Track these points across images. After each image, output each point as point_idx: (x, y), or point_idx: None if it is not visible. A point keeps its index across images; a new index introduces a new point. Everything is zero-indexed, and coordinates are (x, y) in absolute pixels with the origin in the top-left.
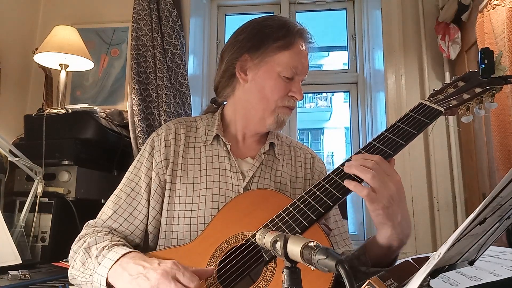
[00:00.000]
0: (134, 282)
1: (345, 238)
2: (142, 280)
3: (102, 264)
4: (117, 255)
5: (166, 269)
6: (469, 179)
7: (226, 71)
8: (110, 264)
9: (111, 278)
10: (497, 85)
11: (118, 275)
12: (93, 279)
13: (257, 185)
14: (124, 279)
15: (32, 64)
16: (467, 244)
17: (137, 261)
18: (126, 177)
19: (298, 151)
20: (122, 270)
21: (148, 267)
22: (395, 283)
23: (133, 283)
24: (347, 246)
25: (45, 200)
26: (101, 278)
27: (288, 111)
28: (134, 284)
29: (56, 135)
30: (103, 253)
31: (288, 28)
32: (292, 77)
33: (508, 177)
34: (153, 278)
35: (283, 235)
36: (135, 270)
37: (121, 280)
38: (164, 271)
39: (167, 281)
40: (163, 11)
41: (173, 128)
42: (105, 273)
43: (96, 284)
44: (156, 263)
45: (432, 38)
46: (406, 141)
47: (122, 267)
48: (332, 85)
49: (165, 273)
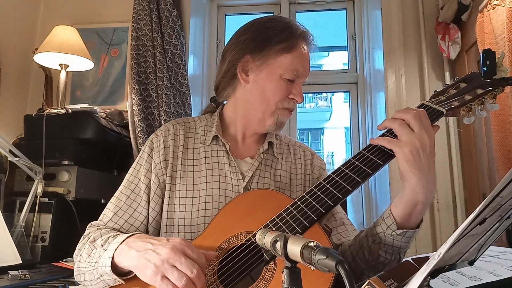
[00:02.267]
0: (142, 257)
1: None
2: (151, 255)
3: (108, 249)
4: (123, 237)
5: (176, 244)
6: (469, 179)
7: (228, 72)
8: (116, 246)
9: (117, 257)
10: (499, 86)
11: (124, 253)
12: (99, 265)
13: (257, 184)
14: (132, 255)
15: (32, 64)
16: (467, 244)
17: (145, 239)
18: (126, 179)
19: (297, 149)
20: (128, 248)
21: (156, 243)
22: (395, 283)
23: (141, 259)
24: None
25: (45, 200)
26: (106, 261)
27: (288, 113)
28: (142, 259)
29: (56, 135)
30: (109, 241)
31: (291, 31)
32: (293, 79)
33: (508, 177)
34: (163, 253)
35: (283, 235)
36: (143, 246)
37: (128, 256)
38: (174, 245)
39: (177, 256)
40: (163, 11)
41: (171, 129)
42: (111, 254)
43: (101, 268)
44: (164, 240)
45: (432, 38)
46: None
47: (128, 246)
48: (332, 85)
49: (175, 248)
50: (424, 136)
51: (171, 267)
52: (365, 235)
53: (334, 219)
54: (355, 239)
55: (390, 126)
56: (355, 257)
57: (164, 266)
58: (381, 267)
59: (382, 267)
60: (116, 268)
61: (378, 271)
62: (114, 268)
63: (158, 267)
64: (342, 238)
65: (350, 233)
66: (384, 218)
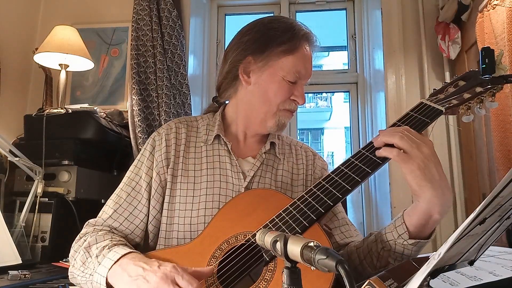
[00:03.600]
0: (133, 283)
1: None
2: (142, 282)
3: (102, 264)
4: (117, 255)
5: (166, 272)
6: (469, 179)
7: (229, 72)
8: (110, 264)
9: (111, 279)
10: (498, 84)
11: (118, 276)
12: (93, 279)
13: (258, 184)
14: (124, 279)
15: (32, 64)
16: (467, 244)
17: (137, 262)
18: (127, 177)
19: (299, 150)
20: (122, 271)
21: (147, 269)
22: (395, 283)
23: (132, 285)
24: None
25: (45, 200)
26: (101, 278)
27: (289, 114)
28: (134, 285)
29: (56, 135)
30: (103, 253)
31: (294, 32)
32: (295, 81)
33: (508, 177)
34: (153, 281)
35: (283, 235)
36: (135, 271)
37: (121, 280)
38: (164, 274)
39: (166, 285)
40: (163, 11)
41: (174, 127)
42: (105, 273)
43: (96, 284)
44: (156, 266)
45: (432, 38)
46: None
47: (122, 268)
48: (332, 85)
49: (165, 276)
50: (424, 149)
51: None
52: (374, 240)
53: (336, 218)
54: (363, 242)
55: (388, 154)
56: (363, 260)
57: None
58: None
59: None
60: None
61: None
62: (109, 286)
63: None
64: (345, 238)
65: (353, 233)
66: (396, 226)
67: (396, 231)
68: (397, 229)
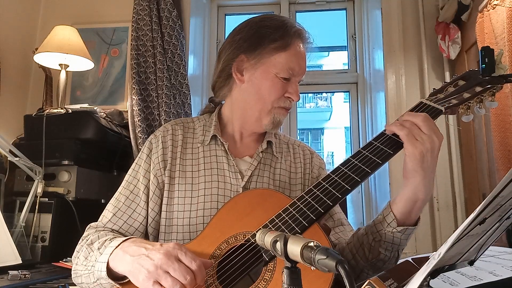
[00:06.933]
0: (136, 262)
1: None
2: (144, 260)
3: (104, 253)
4: (119, 241)
5: (169, 250)
6: (469, 179)
7: (223, 71)
8: (111, 250)
9: (112, 262)
10: (497, 84)
11: (119, 258)
12: (95, 269)
13: (256, 184)
14: (126, 260)
15: (32, 64)
16: (467, 244)
17: (139, 243)
18: (126, 180)
19: (297, 148)
20: (123, 253)
21: (150, 248)
22: (395, 283)
23: (134, 264)
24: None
25: (45, 200)
26: (102, 265)
27: (284, 111)
28: (136, 264)
29: (56, 135)
30: (105, 244)
31: (286, 29)
32: (289, 78)
33: (508, 177)
34: (156, 258)
35: (283, 235)
36: (137, 251)
37: (123, 261)
38: (167, 251)
39: (170, 261)
40: (163, 11)
41: (170, 129)
42: (106, 259)
43: (97, 272)
44: (158, 245)
45: (432, 38)
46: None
47: (123, 250)
48: (332, 85)
49: (168, 253)
50: (435, 139)
51: (165, 273)
52: (365, 233)
53: (332, 219)
54: (353, 237)
55: (398, 131)
56: (355, 254)
57: (157, 272)
58: (381, 265)
59: (381, 264)
60: (111, 272)
61: (377, 268)
62: (110, 272)
63: (151, 273)
64: (340, 238)
65: (348, 234)
66: (384, 216)
67: (385, 221)
68: (386, 218)
